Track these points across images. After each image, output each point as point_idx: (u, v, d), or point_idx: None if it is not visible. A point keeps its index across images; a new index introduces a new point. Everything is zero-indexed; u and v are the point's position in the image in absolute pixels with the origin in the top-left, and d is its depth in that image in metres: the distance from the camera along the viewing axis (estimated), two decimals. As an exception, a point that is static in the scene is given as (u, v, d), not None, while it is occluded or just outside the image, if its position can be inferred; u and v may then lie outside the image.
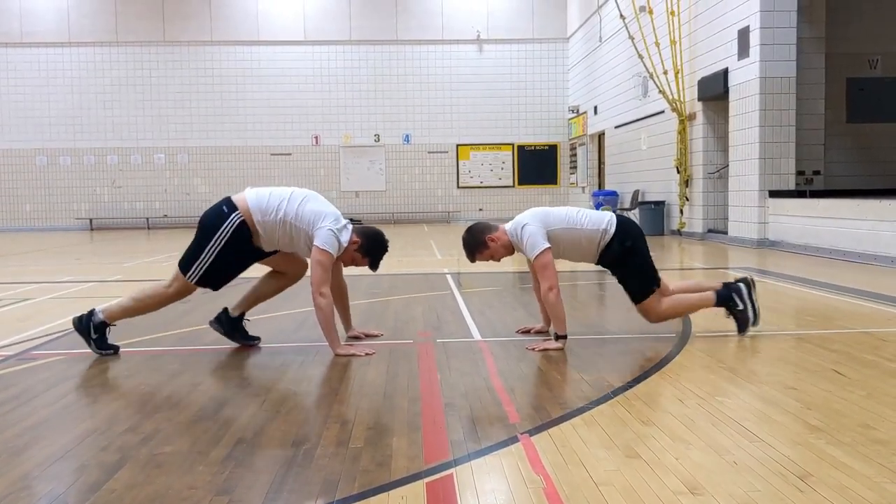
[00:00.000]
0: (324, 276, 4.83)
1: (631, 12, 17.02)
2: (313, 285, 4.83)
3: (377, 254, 5.15)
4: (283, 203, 4.93)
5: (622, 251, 5.08)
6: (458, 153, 25.86)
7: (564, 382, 4.26)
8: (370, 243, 5.10)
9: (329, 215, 4.94)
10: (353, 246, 5.05)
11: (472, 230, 5.25)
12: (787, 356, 4.77)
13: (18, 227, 24.89)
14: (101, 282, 9.67)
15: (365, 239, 5.09)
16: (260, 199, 4.95)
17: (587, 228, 5.08)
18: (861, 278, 8.53)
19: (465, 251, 5.26)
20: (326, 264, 4.85)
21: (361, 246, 5.07)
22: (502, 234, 5.15)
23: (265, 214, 4.91)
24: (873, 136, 15.33)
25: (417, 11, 25.41)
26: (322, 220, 4.89)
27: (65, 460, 3.09)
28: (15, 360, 5.00)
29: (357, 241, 5.05)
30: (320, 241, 4.84)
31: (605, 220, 5.11)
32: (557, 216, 5.13)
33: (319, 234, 4.86)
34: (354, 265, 5.21)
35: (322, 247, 4.83)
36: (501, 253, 5.19)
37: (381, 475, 2.84)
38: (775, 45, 12.68)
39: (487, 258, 5.22)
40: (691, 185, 15.75)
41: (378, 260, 5.19)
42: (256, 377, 4.55)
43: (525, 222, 5.05)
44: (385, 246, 5.19)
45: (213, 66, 25.21)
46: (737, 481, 2.71)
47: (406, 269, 10.51)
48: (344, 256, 5.11)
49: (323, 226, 4.87)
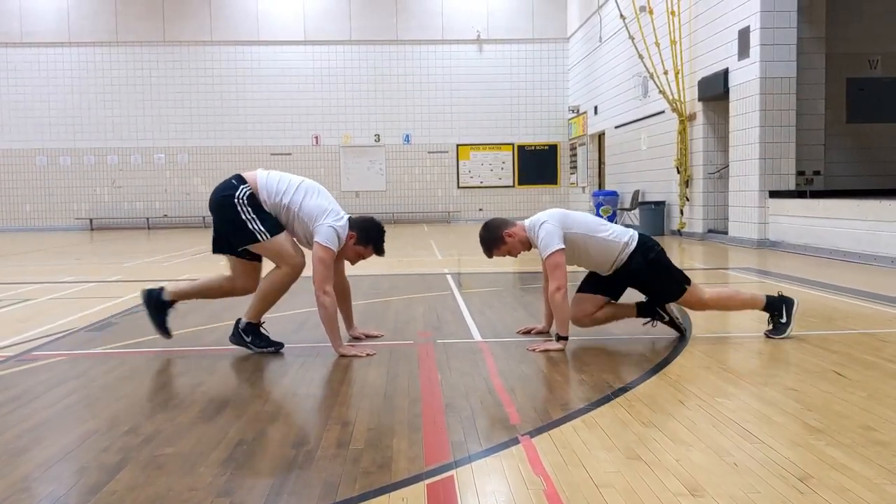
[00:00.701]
0: (326, 273, 4.82)
1: (631, 12, 17.02)
2: (316, 283, 4.82)
3: (377, 239, 5.13)
4: (291, 190, 4.95)
5: (646, 262, 5.08)
6: (459, 153, 25.87)
7: (565, 383, 4.26)
8: (366, 232, 5.08)
9: (331, 212, 4.95)
10: (351, 241, 5.04)
11: (488, 226, 5.23)
12: (787, 357, 4.77)
13: (18, 227, 24.90)
14: (101, 282, 9.67)
15: (359, 230, 5.06)
16: (270, 181, 4.98)
17: (607, 238, 5.07)
18: (861, 279, 8.53)
19: (483, 247, 5.24)
20: (328, 261, 4.84)
21: (359, 238, 5.06)
22: (520, 229, 5.14)
23: (271, 196, 4.93)
24: (873, 137, 15.33)
25: (417, 11, 25.41)
26: (324, 217, 4.90)
27: (65, 462, 3.09)
28: (15, 360, 5.00)
29: (353, 235, 5.04)
30: (322, 238, 4.83)
31: (629, 235, 5.12)
32: (577, 220, 5.12)
33: (321, 230, 4.85)
34: (362, 258, 5.19)
35: (324, 243, 4.82)
36: (518, 248, 5.18)
37: (382, 477, 2.84)
38: (775, 45, 12.69)
39: (504, 253, 5.21)
40: (691, 186, 15.75)
41: (381, 244, 5.16)
42: (257, 378, 4.55)
43: (543, 220, 5.05)
44: (381, 228, 5.16)
45: (212, 65, 25.21)
46: (737, 483, 2.72)
47: (406, 269, 10.51)
48: (348, 254, 5.11)
49: (324, 222, 4.87)
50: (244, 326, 5.07)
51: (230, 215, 4.92)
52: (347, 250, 5.08)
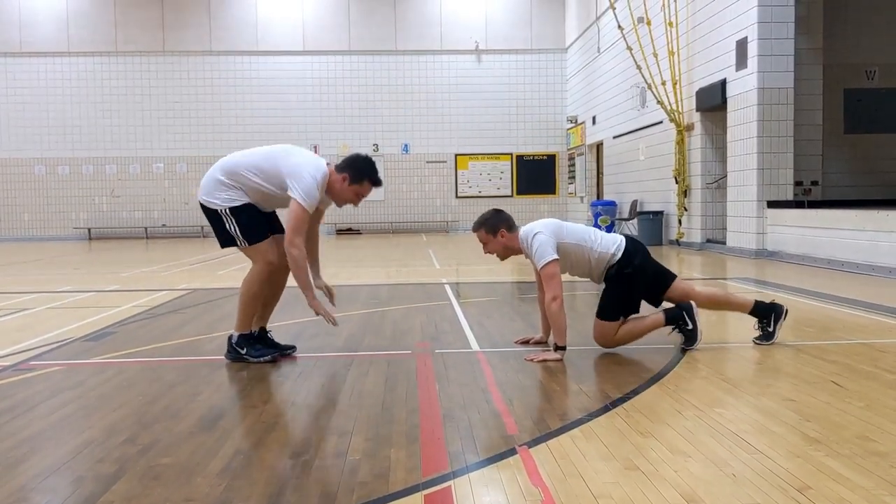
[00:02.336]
0: (298, 227, 4.79)
1: (629, 23, 17.07)
2: (287, 234, 4.81)
3: (370, 171, 5.02)
4: (264, 164, 4.90)
5: (618, 275, 5.12)
6: (457, 163, 25.90)
7: (563, 394, 4.25)
8: (357, 169, 4.99)
9: (305, 164, 4.86)
10: (345, 182, 4.96)
11: (497, 212, 5.21)
12: (785, 367, 4.76)
13: (17, 236, 24.88)
14: (99, 292, 9.66)
15: (351, 170, 4.98)
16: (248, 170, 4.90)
17: (598, 250, 5.11)
18: (859, 289, 8.53)
19: (478, 221, 5.20)
20: (301, 216, 4.80)
21: (352, 177, 4.97)
22: (513, 238, 5.14)
23: (255, 177, 4.90)
24: (871, 147, 15.37)
25: (416, 22, 25.49)
26: (299, 168, 4.83)
27: (61, 472, 3.08)
28: (12, 370, 4.99)
29: (346, 177, 4.95)
30: (299, 193, 4.76)
31: (615, 245, 5.14)
32: (570, 231, 5.15)
33: (299, 182, 4.78)
34: (362, 197, 5.08)
35: (300, 200, 4.76)
36: (502, 252, 5.19)
37: (379, 487, 2.83)
38: (773, 56, 12.72)
39: (489, 247, 5.18)
40: (690, 196, 15.76)
41: (375, 174, 5.05)
42: (254, 388, 4.53)
43: (537, 231, 5.06)
44: (370, 160, 5.07)
45: (212, 75, 25.26)
46: (736, 494, 2.71)
47: (404, 279, 10.50)
48: (347, 195, 5.01)
49: (298, 175, 4.80)
50: (237, 340, 5.05)
51: (215, 223, 4.99)
52: (345, 193, 4.99)
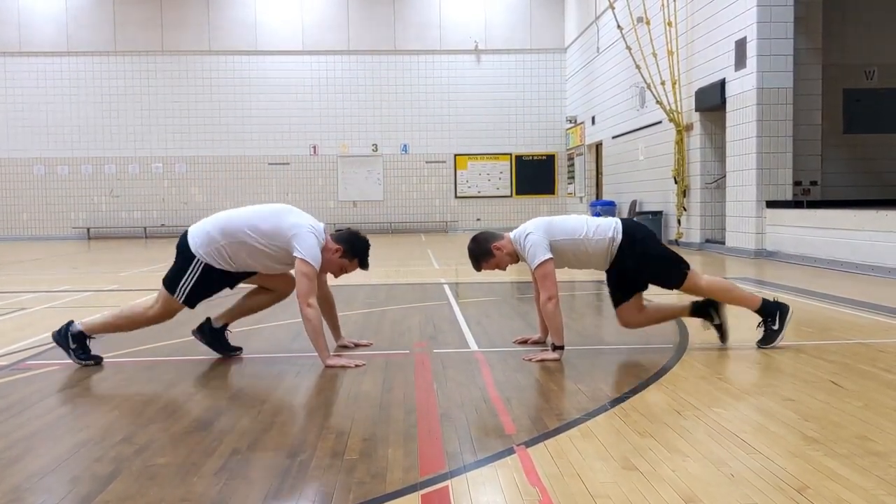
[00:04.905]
0: (310, 286, 4.78)
1: (628, 23, 17.07)
2: (300, 297, 4.79)
3: (363, 253, 5.09)
4: (247, 227, 4.88)
5: (636, 258, 5.04)
6: (456, 163, 25.89)
7: (561, 393, 4.24)
8: (353, 246, 5.04)
9: (301, 224, 4.87)
10: (337, 254, 5.00)
11: (477, 239, 5.21)
12: (784, 367, 4.75)
13: (16, 236, 24.86)
14: (97, 291, 9.65)
15: (347, 244, 5.03)
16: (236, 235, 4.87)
17: (593, 239, 5.05)
18: (858, 289, 8.53)
19: (472, 261, 5.23)
20: (311, 275, 4.79)
21: (345, 251, 5.02)
22: (507, 242, 5.12)
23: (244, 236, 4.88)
24: (870, 147, 15.37)
25: (415, 22, 25.48)
26: (297, 229, 4.84)
27: (57, 472, 3.07)
28: (9, 370, 4.98)
29: (340, 249, 5.00)
30: (303, 253, 4.77)
31: (612, 228, 5.07)
32: (562, 228, 5.09)
33: (301, 243, 4.79)
34: (345, 272, 5.15)
35: (306, 258, 4.77)
36: (507, 261, 5.17)
37: (377, 486, 2.82)
38: (772, 55, 12.72)
39: (493, 267, 5.19)
40: (689, 196, 15.76)
41: (366, 258, 5.13)
42: (251, 388, 4.53)
43: (529, 231, 5.04)
44: (367, 242, 5.13)
45: (211, 75, 25.24)
46: (734, 493, 2.70)
47: (403, 278, 10.50)
48: (332, 267, 5.06)
49: (300, 233, 4.81)
50: (77, 333, 4.98)
51: (182, 262, 4.92)
52: (331, 263, 5.03)
